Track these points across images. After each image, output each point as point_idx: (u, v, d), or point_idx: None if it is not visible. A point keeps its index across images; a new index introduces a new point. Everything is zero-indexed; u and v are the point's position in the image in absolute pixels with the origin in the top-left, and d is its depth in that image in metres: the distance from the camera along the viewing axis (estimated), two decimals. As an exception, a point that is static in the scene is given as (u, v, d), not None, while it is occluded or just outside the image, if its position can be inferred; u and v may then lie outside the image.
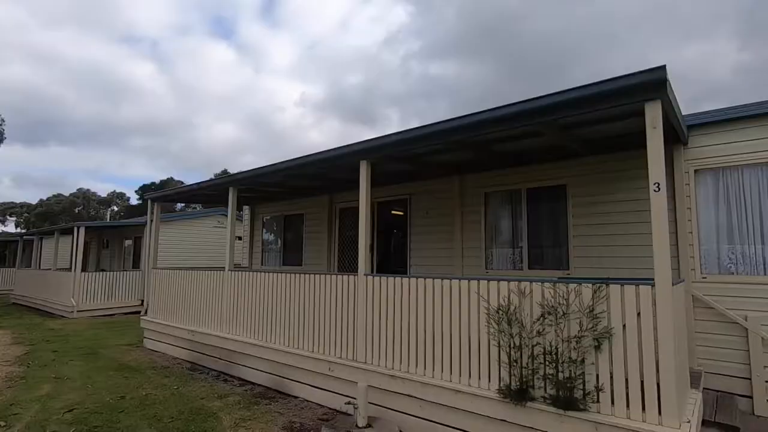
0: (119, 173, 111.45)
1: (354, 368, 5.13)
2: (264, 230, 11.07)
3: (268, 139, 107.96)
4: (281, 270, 9.95)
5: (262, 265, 10.97)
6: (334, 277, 5.60)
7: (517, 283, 4.00)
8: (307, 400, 5.63)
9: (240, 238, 18.05)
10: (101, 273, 14.55)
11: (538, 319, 3.77)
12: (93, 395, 5.82)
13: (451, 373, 4.35)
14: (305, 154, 6.08)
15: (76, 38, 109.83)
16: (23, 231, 43.75)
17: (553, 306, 3.76)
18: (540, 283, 3.88)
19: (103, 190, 64.15)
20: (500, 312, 4.01)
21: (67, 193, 60.85)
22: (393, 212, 8.95)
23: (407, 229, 8.02)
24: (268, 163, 6.67)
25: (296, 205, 10.18)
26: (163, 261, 14.96)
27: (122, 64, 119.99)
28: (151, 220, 9.38)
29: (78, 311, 13.52)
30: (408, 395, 4.60)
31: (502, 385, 3.98)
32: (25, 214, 59.64)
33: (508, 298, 4.00)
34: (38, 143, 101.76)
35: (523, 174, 6.64)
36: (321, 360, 5.52)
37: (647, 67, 3.44)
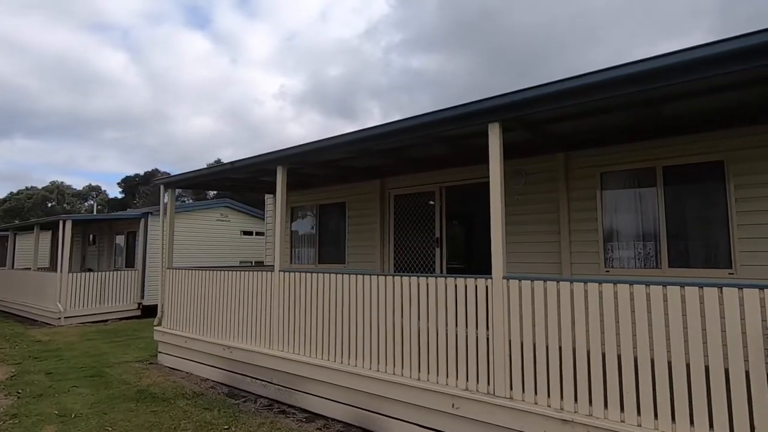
0: (90, 167, 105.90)
1: (495, 406, 3.74)
2: (293, 223, 9.53)
3: (247, 132, 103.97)
4: (317, 269, 8.49)
5: (291, 262, 9.44)
6: (453, 280, 4.17)
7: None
8: (415, 445, 4.22)
9: (248, 233, 16.41)
10: (91, 273, 12.75)
11: None
12: (118, 444, 4.28)
13: (692, 425, 2.98)
14: (398, 119, 4.63)
15: (43, 25, 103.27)
16: (-8, 227, 40.64)
17: None
18: None
19: (74, 184, 60.08)
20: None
21: (38, 187, 57.36)
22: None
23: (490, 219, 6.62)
24: (337, 134, 5.20)
25: (335, 192, 8.68)
26: (159, 260, 13.25)
27: (92, 53, 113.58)
28: (165, 211, 7.76)
29: (66, 318, 11.75)
30: (599, 450, 3.24)
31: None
32: (-7, 210, 55.97)
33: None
34: (1, 135, 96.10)
35: (658, 148, 5.33)
36: (435, 392, 4.11)
37: None
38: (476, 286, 4.03)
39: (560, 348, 3.52)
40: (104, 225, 15.83)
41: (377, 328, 4.67)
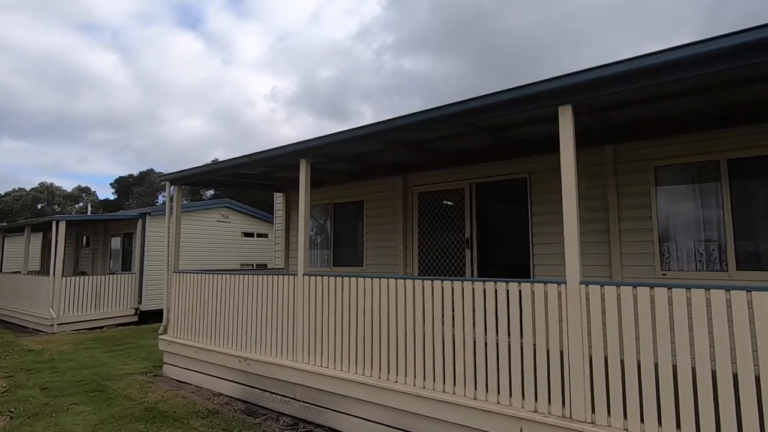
0: (78, 169, 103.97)
1: (574, 432, 3.23)
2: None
3: (239, 134, 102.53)
4: (333, 272, 7.93)
5: (303, 265, 8.86)
6: (517, 285, 3.67)
7: None
8: (472, 475, 3.70)
9: (249, 235, 15.79)
10: (85, 277, 12.09)
11: None
12: (129, 476, 3.71)
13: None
14: (447, 104, 4.10)
15: (30, 24, 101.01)
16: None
17: None
18: None
19: (62, 186, 58.44)
20: None
21: (26, 189, 56.09)
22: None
23: (528, 219, 6.14)
24: (370, 122, 4.70)
25: (351, 190, 8.15)
26: (157, 262, 12.62)
27: (81, 53, 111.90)
28: (171, 210, 7.18)
29: (59, 324, 11.08)
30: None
31: None
32: (-21, 212, 54.60)
33: None
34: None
35: (722, 139, 4.87)
36: (497, 413, 3.59)
37: None
38: (546, 292, 3.53)
39: (656, 365, 3.02)
40: (99, 226, 15.13)
41: (422, 340, 4.15)
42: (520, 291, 3.65)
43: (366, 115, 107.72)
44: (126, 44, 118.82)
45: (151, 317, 12.57)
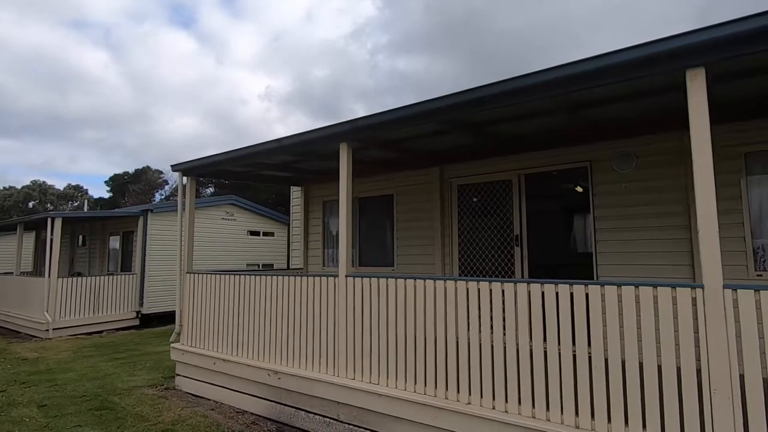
0: (69, 168, 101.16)
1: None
2: (326, 219, 8.27)
3: (232, 133, 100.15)
4: (358, 272, 7.25)
5: (324, 265, 8.19)
6: (633, 289, 3.01)
7: None
8: None
9: (255, 233, 15.05)
10: (83, 279, 11.29)
11: None
12: None
13: None
14: (543, 69, 3.42)
15: (18, 21, 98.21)
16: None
17: None
18: None
19: (54, 185, 56.59)
20: None
21: (17, 187, 54.69)
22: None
23: (589, 213, 5.50)
24: (432, 97, 4.03)
25: (380, 183, 7.46)
26: (160, 263, 11.86)
27: (71, 51, 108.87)
28: (183, 205, 6.46)
29: (54, 329, 10.31)
30: None
31: None
32: (-32, 211, 53.15)
33: None
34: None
35: (830, 120, 4.25)
36: (609, 446, 2.93)
37: None
38: (674, 297, 2.88)
39: (841, 391, 2.38)
40: (96, 224, 14.31)
41: (503, 353, 3.49)
42: (637, 296, 2.99)
43: (360, 115, 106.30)
44: (117, 42, 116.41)
45: (153, 321, 11.83)
